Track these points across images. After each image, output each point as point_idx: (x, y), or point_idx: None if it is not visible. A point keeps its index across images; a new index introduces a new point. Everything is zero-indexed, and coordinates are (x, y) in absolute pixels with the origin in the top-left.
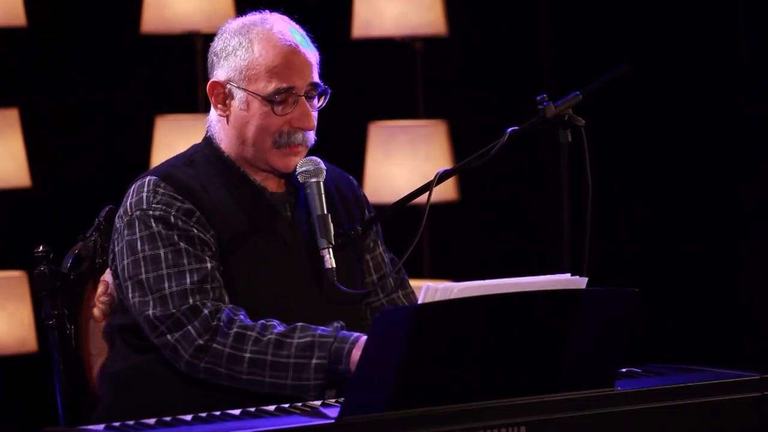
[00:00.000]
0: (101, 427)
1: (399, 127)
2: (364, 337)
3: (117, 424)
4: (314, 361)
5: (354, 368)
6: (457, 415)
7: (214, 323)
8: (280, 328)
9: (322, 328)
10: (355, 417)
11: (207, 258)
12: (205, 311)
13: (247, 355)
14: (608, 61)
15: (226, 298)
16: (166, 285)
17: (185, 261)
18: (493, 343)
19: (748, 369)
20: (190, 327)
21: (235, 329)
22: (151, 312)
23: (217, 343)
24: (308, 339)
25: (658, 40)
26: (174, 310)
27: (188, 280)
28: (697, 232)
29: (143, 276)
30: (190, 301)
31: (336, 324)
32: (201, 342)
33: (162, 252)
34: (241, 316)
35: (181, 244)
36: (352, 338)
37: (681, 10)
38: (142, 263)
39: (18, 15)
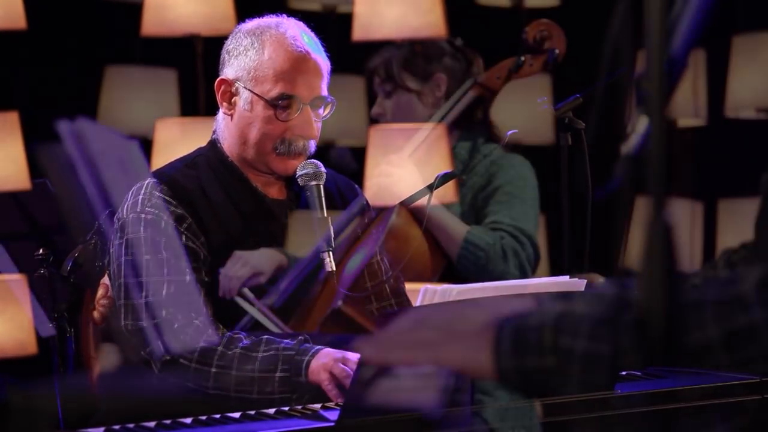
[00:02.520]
0: (101, 430)
1: (399, 130)
2: (326, 350)
3: (117, 427)
4: (278, 374)
5: (313, 380)
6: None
7: (182, 338)
8: (246, 341)
9: (287, 341)
10: (354, 420)
11: (188, 270)
12: (176, 325)
13: (213, 369)
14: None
15: (204, 309)
16: (142, 294)
17: (165, 272)
18: None
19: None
20: (159, 342)
21: (201, 344)
22: (123, 322)
23: (183, 358)
24: (272, 352)
25: None
26: (145, 324)
27: (164, 292)
28: None
29: (122, 280)
30: (163, 313)
31: (300, 337)
32: (168, 357)
33: (144, 259)
34: (210, 331)
35: (165, 253)
36: (312, 350)
37: None
38: (123, 267)
39: (18, 17)
